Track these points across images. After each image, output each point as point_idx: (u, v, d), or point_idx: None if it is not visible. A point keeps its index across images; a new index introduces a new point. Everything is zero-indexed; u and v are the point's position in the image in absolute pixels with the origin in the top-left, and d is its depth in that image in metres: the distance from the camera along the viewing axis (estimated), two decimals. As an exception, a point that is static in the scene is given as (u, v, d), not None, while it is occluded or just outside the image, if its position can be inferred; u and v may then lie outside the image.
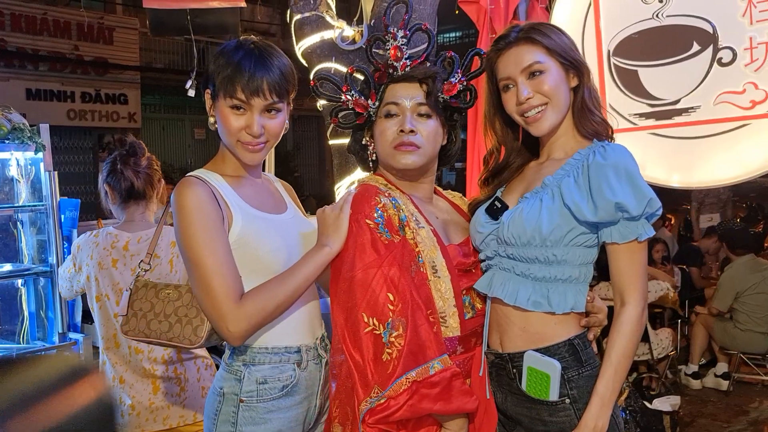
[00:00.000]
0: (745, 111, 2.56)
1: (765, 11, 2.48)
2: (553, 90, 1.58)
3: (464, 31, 17.74)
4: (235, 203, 1.60)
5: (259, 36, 1.67)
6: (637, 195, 1.47)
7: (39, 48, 11.46)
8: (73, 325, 2.99)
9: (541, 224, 1.52)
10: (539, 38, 1.58)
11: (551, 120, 1.60)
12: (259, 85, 1.54)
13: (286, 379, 1.59)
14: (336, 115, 1.73)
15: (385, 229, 1.53)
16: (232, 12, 3.71)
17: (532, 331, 1.58)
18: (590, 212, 1.49)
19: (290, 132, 11.82)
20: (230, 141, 1.61)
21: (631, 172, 1.49)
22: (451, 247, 1.63)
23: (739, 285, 5.08)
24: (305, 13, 3.35)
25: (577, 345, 1.57)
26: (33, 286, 3.14)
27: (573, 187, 1.52)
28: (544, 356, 1.54)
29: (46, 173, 2.95)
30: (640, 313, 1.52)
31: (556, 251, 1.53)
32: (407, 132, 1.58)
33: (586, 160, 1.54)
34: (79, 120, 12.28)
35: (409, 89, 1.62)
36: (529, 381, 1.55)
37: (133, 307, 1.66)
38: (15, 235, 3.14)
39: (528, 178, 1.69)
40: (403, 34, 1.64)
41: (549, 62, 1.58)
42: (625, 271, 1.53)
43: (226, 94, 1.56)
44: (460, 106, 1.67)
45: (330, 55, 3.29)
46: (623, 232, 1.50)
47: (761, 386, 5.15)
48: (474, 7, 3.45)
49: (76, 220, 3.06)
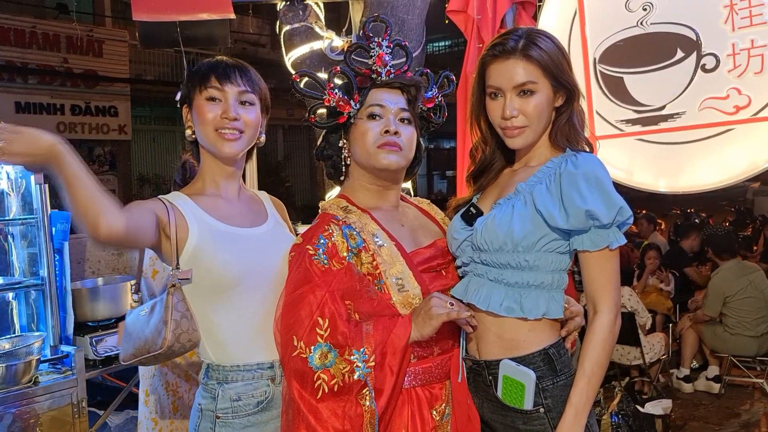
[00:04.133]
0: (729, 116, 2.59)
1: (746, 18, 2.53)
2: (537, 112, 1.58)
3: (453, 41, 17.85)
4: (193, 214, 1.62)
5: (248, 45, 1.74)
6: (607, 203, 1.47)
7: (28, 61, 11.43)
8: (65, 338, 2.98)
9: (513, 230, 1.53)
10: (536, 56, 1.56)
11: (528, 139, 1.62)
12: (232, 73, 1.66)
13: (260, 395, 1.60)
14: (313, 113, 1.76)
15: (323, 256, 1.55)
16: (221, 24, 3.72)
17: (507, 338, 1.58)
18: (562, 219, 1.49)
19: (281, 142, 11.91)
20: (207, 133, 1.65)
21: (601, 180, 1.50)
22: (417, 252, 1.66)
23: (727, 290, 5.11)
24: (294, 24, 3.37)
25: (552, 354, 1.57)
26: (24, 299, 3.13)
27: (545, 193, 1.53)
28: (520, 366, 1.55)
29: (36, 186, 2.94)
30: (612, 320, 1.53)
31: (528, 257, 1.54)
32: (392, 132, 1.63)
33: (558, 168, 1.55)
34: (69, 132, 12.23)
35: (393, 95, 1.68)
36: (505, 389, 1.56)
37: (128, 334, 1.71)
38: (6, 248, 3.13)
39: (502, 185, 1.71)
40: (387, 44, 1.70)
41: (541, 83, 1.57)
42: (597, 278, 1.54)
43: (201, 88, 1.65)
44: (433, 120, 1.75)
45: (319, 65, 3.31)
46: (594, 240, 1.51)
47: (752, 389, 5.17)
48: (462, 16, 3.48)
49: (68, 232, 3.05)
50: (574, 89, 1.62)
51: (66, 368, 2.89)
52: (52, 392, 2.77)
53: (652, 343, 4.98)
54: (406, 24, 3.20)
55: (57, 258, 3.00)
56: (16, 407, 2.65)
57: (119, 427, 3.37)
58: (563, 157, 1.59)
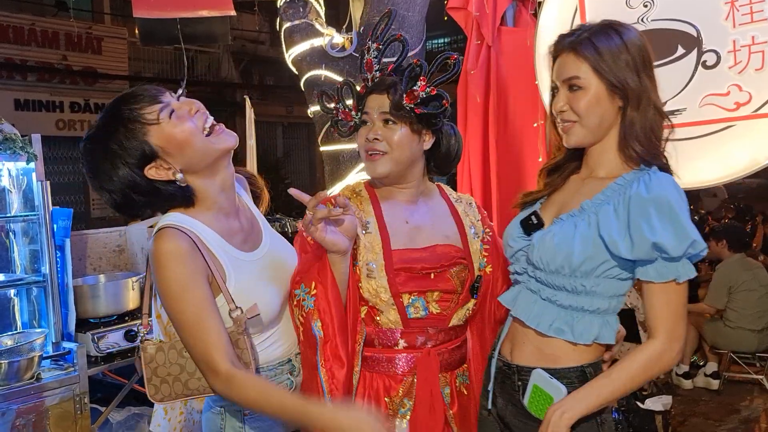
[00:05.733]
0: (729, 113, 2.59)
1: (747, 14, 2.52)
2: (585, 110, 1.49)
3: (452, 37, 17.82)
4: (221, 250, 1.51)
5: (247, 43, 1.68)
6: (679, 235, 1.37)
7: (27, 58, 11.42)
8: (67, 335, 2.99)
9: (572, 253, 1.45)
10: (590, 54, 1.47)
11: (578, 137, 1.53)
12: (150, 90, 1.47)
13: (286, 386, 1.61)
14: (333, 125, 1.84)
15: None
16: (221, 21, 3.72)
17: (547, 352, 1.54)
18: (626, 249, 1.41)
19: (280, 139, 11.93)
20: (195, 140, 1.46)
21: (674, 208, 1.39)
22: (404, 251, 1.68)
23: (732, 280, 5.14)
24: (295, 21, 3.38)
25: (588, 373, 1.52)
26: (26, 296, 3.14)
27: (612, 217, 1.44)
28: (552, 378, 1.49)
29: (38, 183, 2.94)
30: (663, 351, 1.44)
31: (586, 282, 1.46)
32: (371, 140, 1.68)
33: (629, 188, 1.45)
34: (68, 130, 12.23)
35: (378, 99, 1.69)
36: (532, 398, 1.52)
37: (158, 374, 1.54)
38: (7, 245, 3.14)
39: (567, 194, 1.62)
40: (375, 47, 1.72)
41: (591, 81, 1.48)
42: (659, 311, 1.44)
43: (150, 122, 1.44)
44: (426, 112, 1.66)
45: (320, 62, 3.31)
46: (660, 271, 1.41)
47: (752, 384, 5.19)
48: (462, 13, 3.49)
49: (69, 229, 3.05)
50: (628, 91, 1.48)
51: (68, 365, 2.91)
52: (54, 388, 2.78)
53: (652, 339, 4.99)
54: (406, 21, 3.20)
55: (58, 255, 3.00)
56: (19, 403, 2.66)
57: (121, 423, 3.38)
58: (636, 174, 1.48)
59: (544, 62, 1.66)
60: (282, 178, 12.93)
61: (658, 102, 1.52)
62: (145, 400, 3.62)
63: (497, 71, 3.36)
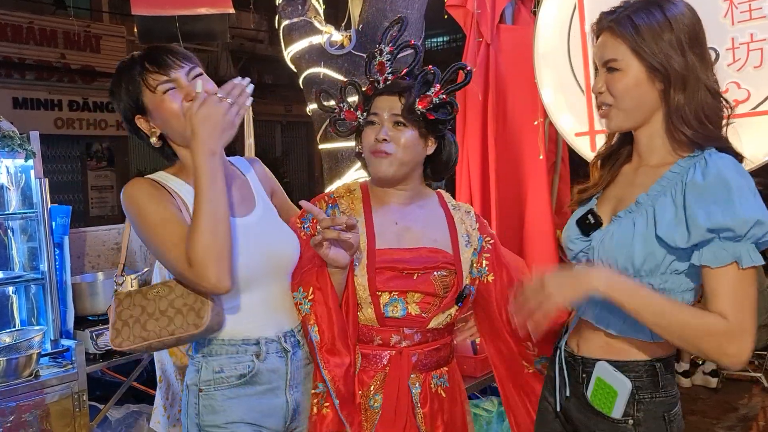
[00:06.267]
0: (728, 110, 2.60)
1: (746, 12, 2.53)
2: (622, 92, 1.42)
3: (452, 36, 17.84)
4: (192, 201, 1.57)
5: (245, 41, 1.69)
6: (737, 213, 1.25)
7: (25, 57, 11.43)
8: (66, 332, 2.99)
9: (633, 254, 1.37)
10: (622, 31, 1.39)
11: (617, 121, 1.45)
12: (167, 60, 1.57)
13: (244, 369, 1.60)
14: (332, 124, 1.86)
15: (307, 228, 1.77)
16: (220, 18, 3.74)
17: (616, 347, 1.47)
18: (682, 240, 1.31)
19: (279, 138, 11.93)
20: (178, 125, 1.56)
21: (732, 188, 1.27)
22: (388, 250, 1.71)
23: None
24: (293, 18, 3.38)
25: (658, 368, 1.45)
26: (24, 293, 3.14)
27: (669, 210, 1.35)
28: (617, 372, 1.44)
29: (36, 180, 2.94)
30: (726, 333, 1.26)
31: (653, 280, 1.38)
32: (380, 140, 1.69)
33: (685, 176, 1.35)
34: (66, 128, 12.25)
35: (389, 101, 1.72)
36: (595, 391, 1.48)
37: (121, 317, 1.60)
38: (6, 242, 3.14)
39: (622, 186, 1.54)
40: (388, 50, 1.74)
41: (630, 62, 1.39)
42: (724, 296, 1.28)
43: (150, 89, 1.56)
44: (437, 117, 1.70)
45: (318, 60, 3.31)
46: (717, 254, 1.27)
47: (750, 382, 5.20)
48: (461, 11, 3.48)
49: (68, 227, 3.05)
50: (669, 73, 1.37)
51: (66, 362, 2.90)
52: (52, 386, 2.77)
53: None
54: (405, 19, 3.20)
55: (57, 252, 3.00)
56: (17, 400, 2.66)
57: (120, 421, 3.38)
58: (692, 160, 1.38)
59: (543, 60, 1.65)
60: (281, 177, 12.92)
61: (710, 82, 1.41)
62: (144, 397, 3.63)
63: (496, 69, 3.35)
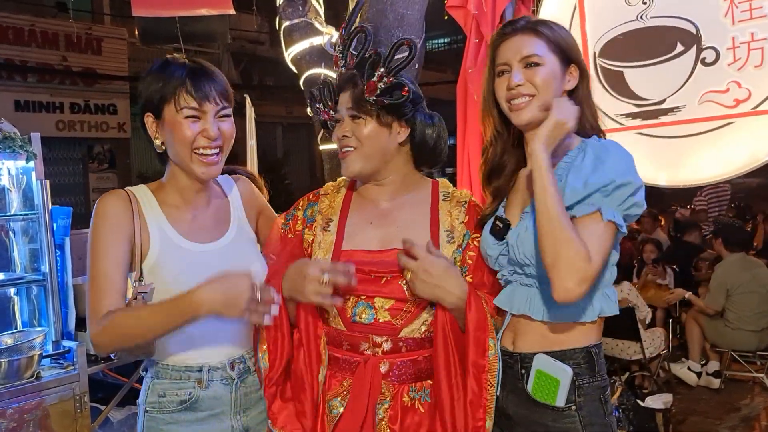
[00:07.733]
0: (728, 110, 2.60)
1: (746, 11, 2.53)
2: (544, 84, 1.53)
3: (452, 37, 17.85)
4: (157, 226, 1.63)
5: (246, 43, 1.71)
6: (607, 173, 1.42)
7: (27, 59, 11.44)
8: (67, 333, 2.99)
9: None
10: (545, 31, 1.56)
11: (534, 112, 1.54)
12: (208, 92, 1.60)
13: (184, 395, 1.62)
14: (324, 125, 1.84)
15: (287, 225, 1.77)
16: (220, 19, 3.74)
17: (552, 337, 1.54)
18: (568, 202, 1.44)
19: (280, 139, 11.91)
20: (184, 152, 1.61)
21: (609, 153, 1.46)
22: (353, 252, 1.64)
23: (729, 281, 5.11)
24: (294, 19, 3.37)
25: (594, 354, 1.53)
26: (26, 294, 3.14)
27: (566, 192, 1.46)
28: (556, 361, 1.50)
29: (37, 182, 2.94)
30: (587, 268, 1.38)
31: None
32: (341, 137, 1.68)
33: (576, 160, 1.50)
34: (68, 131, 12.25)
35: (344, 96, 1.69)
36: (536, 384, 1.52)
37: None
38: (7, 244, 3.14)
39: (522, 189, 1.64)
40: (340, 41, 1.72)
41: (549, 57, 1.55)
42: (588, 240, 1.40)
43: (177, 106, 1.58)
44: (387, 102, 1.61)
45: (319, 61, 3.31)
46: (584, 208, 1.43)
47: (752, 383, 5.19)
48: (461, 11, 3.48)
49: (69, 228, 3.05)
50: (581, 67, 1.58)
51: (68, 363, 2.90)
52: (54, 387, 2.77)
53: (652, 338, 5.00)
54: (405, 19, 3.20)
55: (58, 254, 3.00)
56: (19, 402, 2.66)
57: (121, 422, 3.38)
58: (579, 147, 1.54)
59: None
60: (282, 178, 12.93)
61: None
62: (145, 399, 3.63)
63: (496, 69, 3.35)
